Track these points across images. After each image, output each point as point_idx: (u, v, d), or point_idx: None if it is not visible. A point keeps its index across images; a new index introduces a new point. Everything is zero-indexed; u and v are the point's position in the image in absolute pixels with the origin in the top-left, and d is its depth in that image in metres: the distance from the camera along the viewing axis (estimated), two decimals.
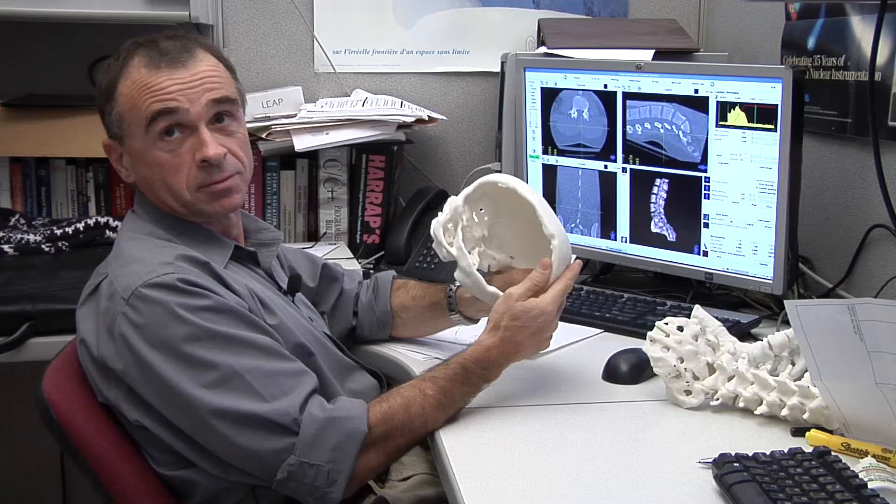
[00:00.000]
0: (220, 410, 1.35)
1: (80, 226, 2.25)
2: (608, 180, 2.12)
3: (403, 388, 1.46)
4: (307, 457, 1.35)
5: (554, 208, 2.20)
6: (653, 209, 2.05)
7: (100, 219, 2.28)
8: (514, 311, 1.48)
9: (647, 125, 2.02)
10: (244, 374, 1.36)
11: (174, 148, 1.48)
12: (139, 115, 1.47)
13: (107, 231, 2.25)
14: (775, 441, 1.37)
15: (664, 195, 2.03)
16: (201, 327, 1.37)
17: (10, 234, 2.23)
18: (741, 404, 1.46)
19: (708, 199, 1.96)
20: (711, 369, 1.50)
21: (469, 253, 1.58)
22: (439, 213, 1.59)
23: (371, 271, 2.00)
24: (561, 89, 2.16)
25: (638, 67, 2.02)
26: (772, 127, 1.83)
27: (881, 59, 1.83)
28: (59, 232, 2.23)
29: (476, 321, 1.72)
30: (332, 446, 1.36)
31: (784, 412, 1.41)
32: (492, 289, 1.55)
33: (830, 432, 1.36)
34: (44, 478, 2.60)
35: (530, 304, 1.49)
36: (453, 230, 1.59)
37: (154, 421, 1.42)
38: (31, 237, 2.22)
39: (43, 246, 2.21)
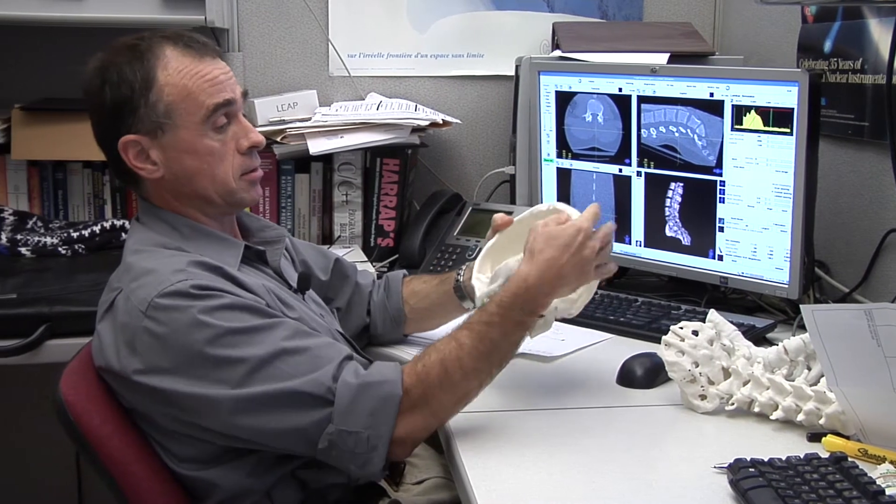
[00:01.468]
0: (253, 400, 1.34)
1: (97, 228, 2.26)
2: (623, 184, 2.11)
3: (440, 342, 1.42)
4: (345, 424, 1.34)
5: None
6: (667, 213, 2.05)
7: (116, 221, 2.30)
8: (548, 231, 1.44)
9: (662, 129, 2.02)
10: (273, 360, 1.36)
11: (223, 137, 1.50)
12: (197, 104, 1.47)
13: (122, 234, 2.26)
14: (791, 446, 1.36)
15: (679, 199, 2.03)
16: (221, 327, 1.36)
17: (28, 237, 2.24)
18: (756, 409, 1.46)
19: (723, 202, 1.95)
20: (726, 374, 1.50)
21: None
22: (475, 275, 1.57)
23: (383, 274, 2.00)
24: (575, 93, 2.16)
25: (653, 71, 2.02)
26: (788, 131, 1.82)
27: None
28: (75, 234, 2.25)
29: None
30: (369, 412, 1.35)
31: (800, 417, 1.41)
32: None
33: (847, 438, 1.36)
34: (60, 479, 2.61)
35: (565, 225, 1.45)
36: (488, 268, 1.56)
37: (188, 426, 1.42)
38: (48, 240, 2.23)
39: (59, 248, 2.22)
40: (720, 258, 1.98)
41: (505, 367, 1.44)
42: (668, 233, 2.06)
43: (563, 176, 2.22)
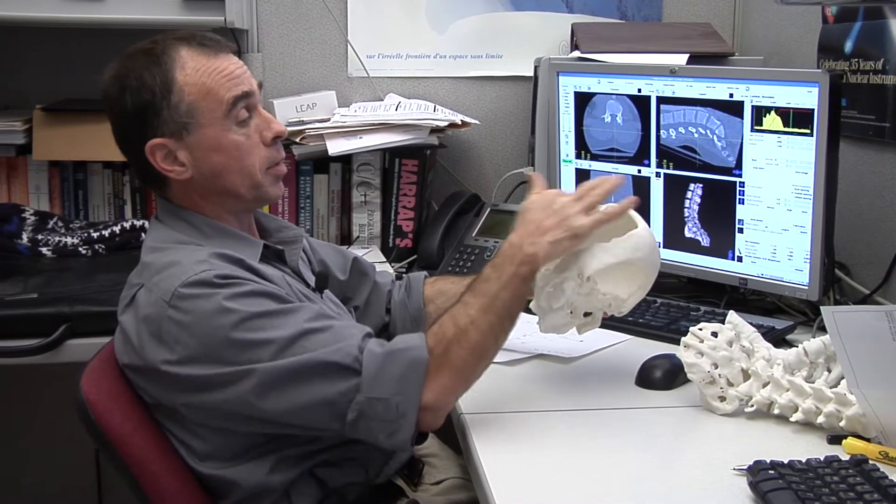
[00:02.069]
0: (281, 374, 1.35)
1: (117, 229, 2.28)
2: (642, 185, 2.11)
3: (449, 306, 1.47)
4: (373, 392, 1.35)
5: None
6: (687, 214, 2.04)
7: (135, 221, 2.32)
8: (533, 199, 1.52)
9: (682, 129, 2.01)
10: (298, 339, 1.37)
11: (247, 130, 1.51)
12: (217, 100, 1.48)
13: (142, 234, 2.27)
14: (811, 449, 1.36)
15: (698, 200, 2.02)
16: (247, 312, 1.37)
17: (49, 237, 2.26)
18: (776, 411, 1.45)
19: (742, 203, 1.95)
20: (746, 375, 1.49)
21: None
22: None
23: (404, 275, 2.02)
24: (594, 93, 2.15)
25: (672, 72, 2.02)
26: (808, 131, 1.81)
27: None
28: (95, 235, 2.26)
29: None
30: (397, 378, 1.36)
31: (820, 419, 1.40)
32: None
33: (868, 440, 1.35)
34: (80, 477, 2.63)
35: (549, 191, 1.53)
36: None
37: (211, 415, 1.42)
38: (69, 240, 2.25)
39: (80, 248, 2.24)
40: (739, 259, 1.98)
41: (516, 321, 1.46)
42: (688, 234, 2.05)
43: (582, 177, 2.22)
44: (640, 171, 2.11)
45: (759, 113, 1.88)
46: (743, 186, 1.94)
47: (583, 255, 1.50)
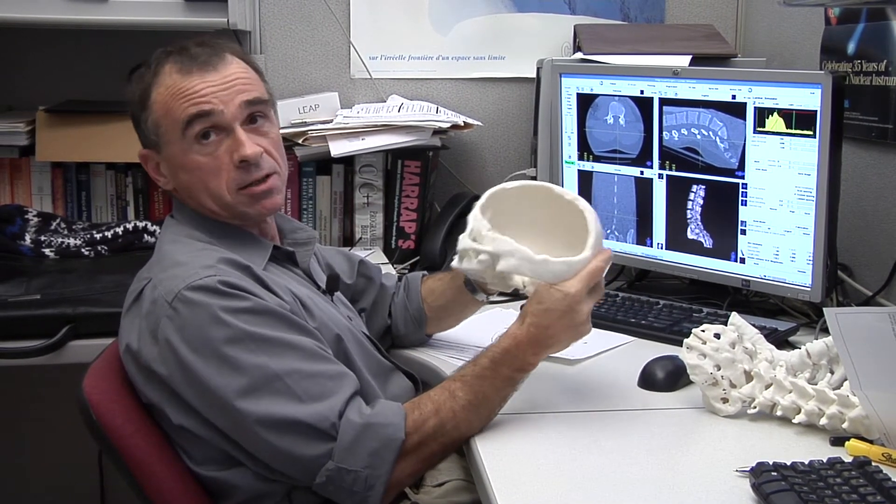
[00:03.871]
0: (260, 415, 1.36)
1: (119, 230, 2.28)
2: (644, 186, 2.11)
3: (434, 392, 1.45)
4: (345, 462, 1.36)
5: None
6: (689, 216, 2.04)
7: (138, 223, 2.32)
8: (539, 295, 1.46)
9: (684, 131, 2.01)
10: (283, 377, 1.37)
11: (211, 150, 1.50)
12: (174, 120, 1.49)
13: (145, 235, 2.28)
14: (814, 450, 1.36)
15: (701, 201, 2.02)
16: (242, 329, 1.38)
17: (51, 238, 2.26)
18: (779, 413, 1.45)
19: (745, 205, 1.94)
20: (749, 377, 1.49)
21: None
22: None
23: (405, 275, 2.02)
24: (597, 95, 2.15)
25: (675, 73, 2.02)
26: (811, 133, 1.81)
27: None
28: (98, 236, 2.26)
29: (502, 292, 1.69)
30: (370, 452, 1.37)
31: (823, 421, 1.40)
32: (542, 257, 1.46)
33: (871, 442, 1.35)
34: (83, 478, 2.63)
35: (555, 288, 1.45)
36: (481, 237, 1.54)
37: (197, 423, 1.44)
38: (72, 241, 2.25)
39: (83, 250, 2.24)
40: (742, 261, 1.97)
41: (493, 419, 1.46)
42: (690, 235, 2.05)
43: (585, 178, 2.22)
44: (642, 173, 2.11)
45: (762, 114, 1.88)
46: (746, 188, 1.94)
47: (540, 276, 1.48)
